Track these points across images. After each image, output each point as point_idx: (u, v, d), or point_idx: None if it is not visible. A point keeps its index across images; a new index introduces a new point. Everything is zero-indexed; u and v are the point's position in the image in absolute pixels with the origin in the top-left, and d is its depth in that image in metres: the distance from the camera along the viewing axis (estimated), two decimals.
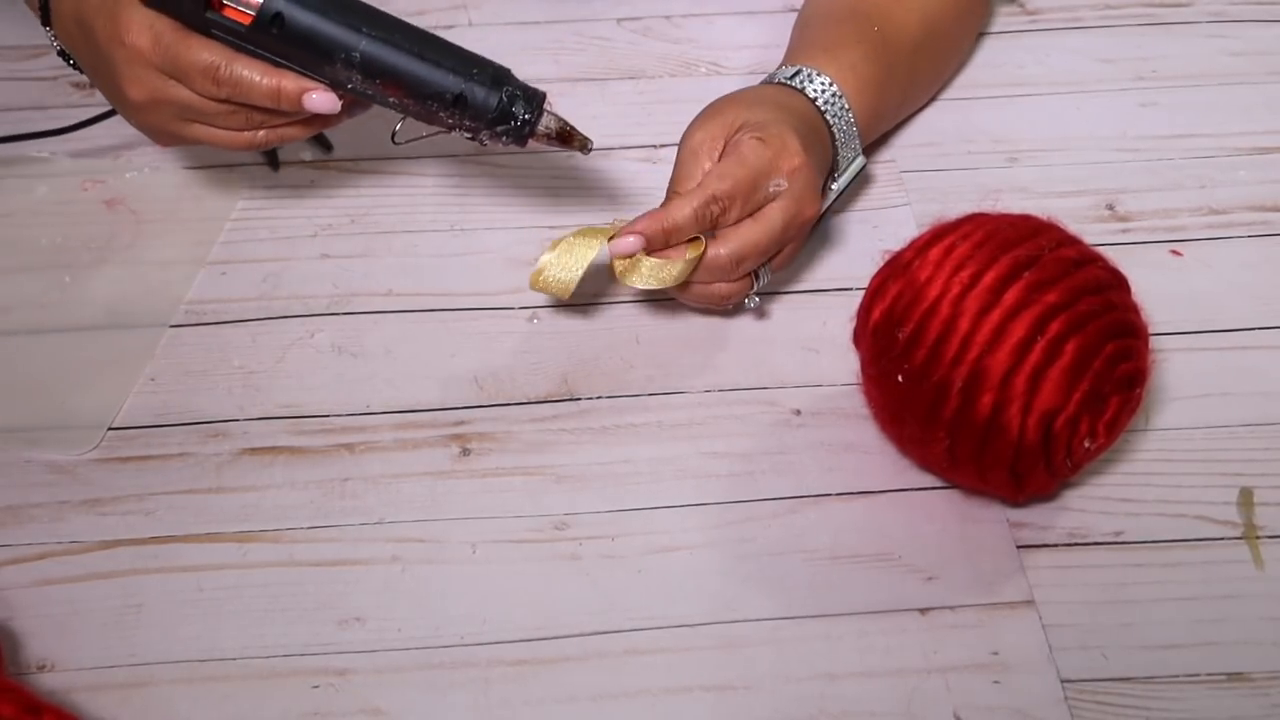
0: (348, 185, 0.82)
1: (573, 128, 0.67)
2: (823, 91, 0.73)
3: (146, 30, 0.64)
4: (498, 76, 0.65)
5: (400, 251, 0.78)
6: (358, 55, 0.63)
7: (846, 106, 0.73)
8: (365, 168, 0.83)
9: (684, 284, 0.68)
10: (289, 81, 0.64)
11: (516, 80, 0.65)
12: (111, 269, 0.77)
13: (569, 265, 0.68)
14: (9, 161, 0.83)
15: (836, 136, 0.73)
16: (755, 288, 0.71)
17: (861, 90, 0.75)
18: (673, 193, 0.69)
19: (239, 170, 0.83)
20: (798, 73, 0.74)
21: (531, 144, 0.67)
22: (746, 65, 0.89)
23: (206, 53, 0.63)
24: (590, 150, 0.68)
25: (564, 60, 0.90)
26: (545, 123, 0.66)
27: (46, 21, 0.69)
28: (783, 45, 0.84)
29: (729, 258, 0.67)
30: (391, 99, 0.65)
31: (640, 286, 0.67)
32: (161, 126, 0.68)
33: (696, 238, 0.67)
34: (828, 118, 0.73)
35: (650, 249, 0.67)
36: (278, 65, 0.64)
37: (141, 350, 0.73)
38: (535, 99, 0.65)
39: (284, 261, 0.78)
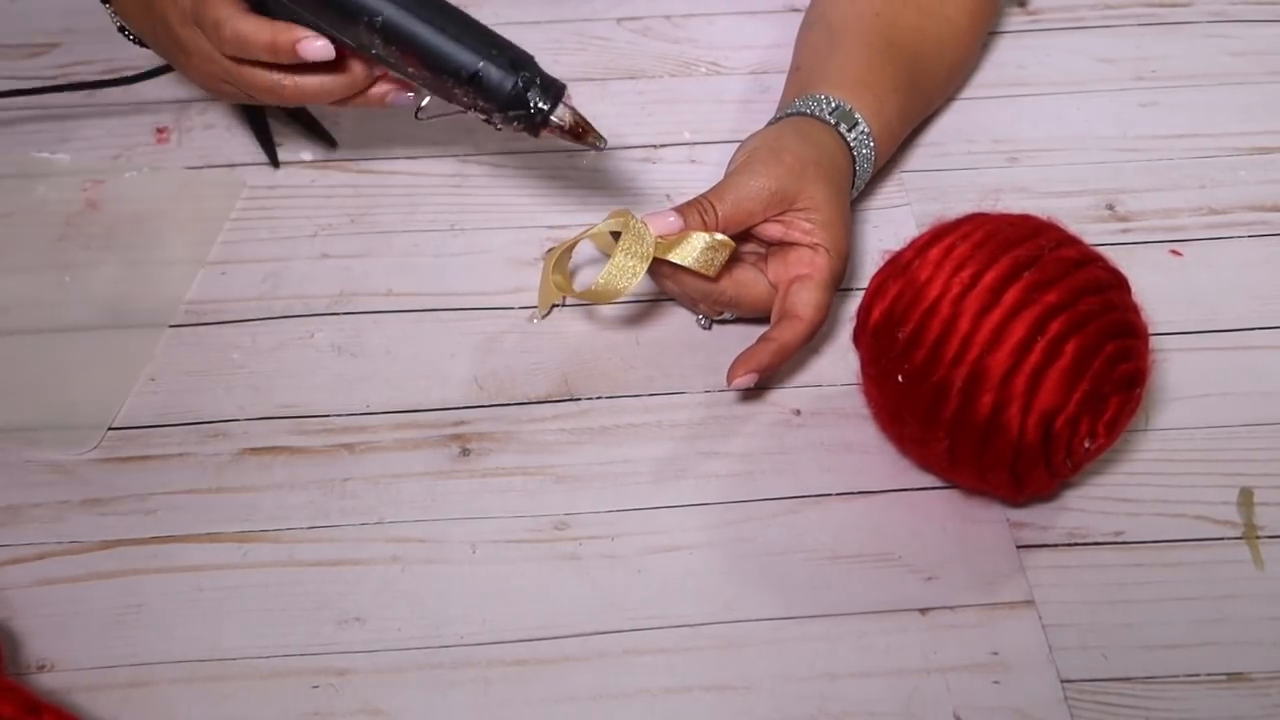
0: (348, 185, 0.82)
1: (588, 123, 0.66)
2: (859, 142, 0.72)
3: None
4: (517, 61, 0.64)
5: (400, 251, 0.78)
6: (380, 20, 0.63)
7: (871, 159, 0.73)
8: (365, 168, 0.83)
9: (670, 285, 0.69)
10: (283, 34, 0.65)
11: (537, 67, 0.65)
12: (111, 269, 0.77)
13: (621, 277, 0.66)
14: (9, 154, 0.83)
15: (854, 181, 0.73)
16: (717, 316, 0.72)
17: (889, 143, 0.76)
18: (711, 203, 0.67)
19: (239, 170, 0.83)
20: (849, 115, 0.72)
21: (545, 135, 0.66)
22: (747, 65, 0.89)
23: (216, 10, 0.65)
24: (604, 148, 0.67)
25: (564, 60, 0.90)
26: (559, 114, 0.65)
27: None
28: (783, 45, 0.84)
29: (729, 300, 0.69)
30: (410, 69, 0.65)
31: (681, 262, 0.66)
32: (215, 87, 0.71)
33: (729, 241, 0.67)
34: (854, 164, 0.73)
35: (659, 268, 0.67)
36: (285, 20, 0.65)
37: (141, 350, 0.73)
38: (553, 89, 0.65)
39: (284, 261, 0.78)
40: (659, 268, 0.68)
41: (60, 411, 0.70)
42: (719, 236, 0.66)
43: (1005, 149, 0.84)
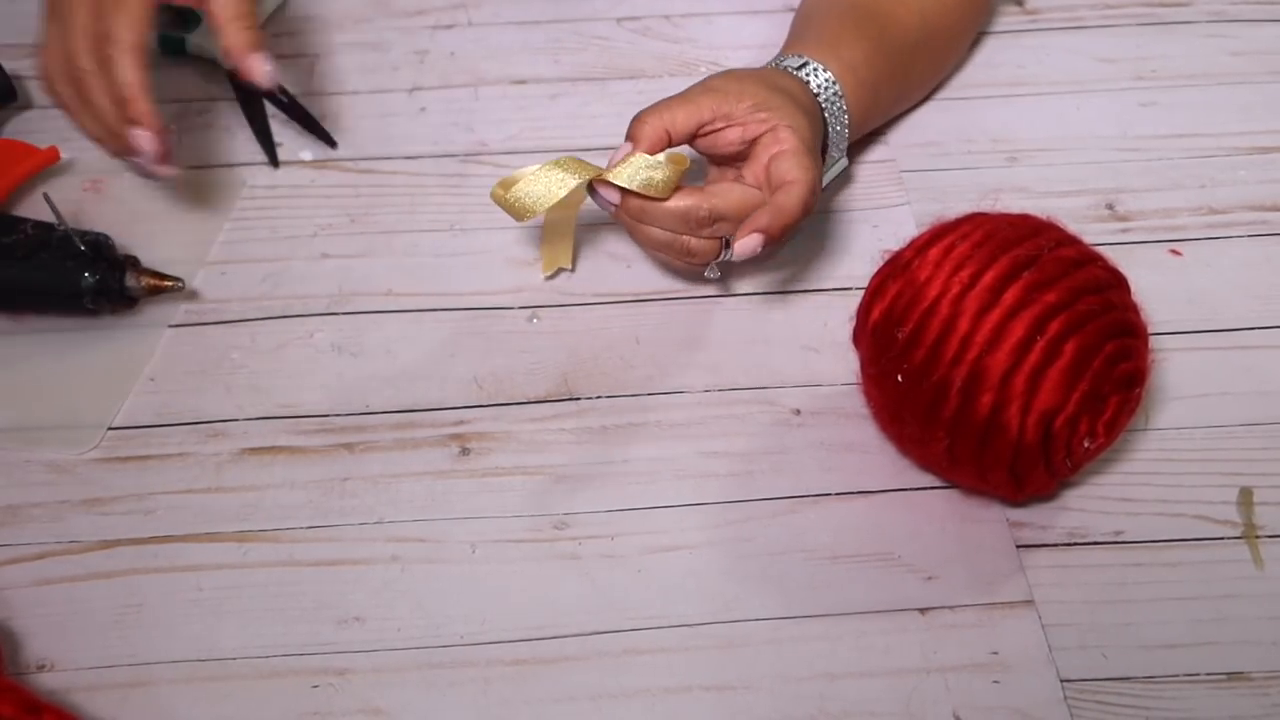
0: (348, 185, 0.82)
1: (159, 276, 0.72)
2: (824, 89, 0.73)
3: None
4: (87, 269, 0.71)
5: (400, 251, 0.78)
6: None
7: (843, 107, 0.73)
8: (365, 167, 0.83)
9: (654, 231, 0.68)
10: (140, 103, 0.66)
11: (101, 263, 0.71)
12: None
13: (541, 191, 0.66)
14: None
15: (829, 135, 0.73)
16: (722, 256, 0.70)
17: (859, 92, 0.75)
18: (653, 108, 0.68)
19: (239, 170, 0.83)
20: (805, 64, 0.73)
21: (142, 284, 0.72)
22: (746, 64, 0.89)
23: (120, 21, 0.65)
24: (183, 287, 0.72)
25: (564, 60, 0.90)
26: (130, 284, 0.72)
27: None
28: (782, 44, 0.84)
29: (708, 213, 0.67)
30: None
31: (622, 184, 0.66)
32: (53, 67, 0.69)
33: (680, 155, 0.67)
34: (825, 115, 0.73)
35: (625, 209, 0.67)
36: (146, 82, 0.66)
37: (141, 350, 0.73)
38: (118, 265, 0.72)
39: (284, 261, 0.78)
40: (628, 214, 0.67)
41: (60, 411, 0.70)
42: (658, 157, 0.66)
43: (1005, 149, 0.84)
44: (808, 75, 0.73)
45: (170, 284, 0.72)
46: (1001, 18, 0.93)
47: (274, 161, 0.83)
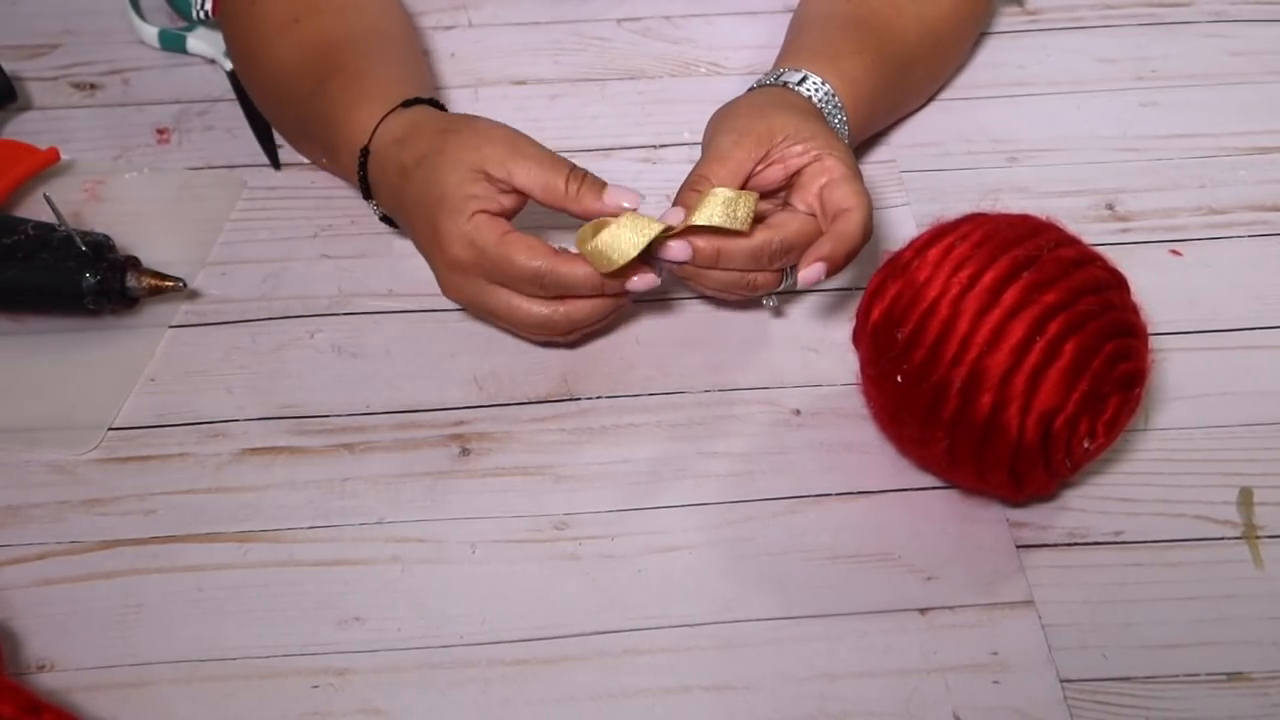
0: (348, 185, 0.82)
1: (160, 276, 0.72)
2: (824, 102, 0.73)
3: (468, 246, 0.66)
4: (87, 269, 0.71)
5: (400, 252, 0.78)
6: None
7: (843, 119, 0.73)
8: None
9: (720, 274, 0.67)
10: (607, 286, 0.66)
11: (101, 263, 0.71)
12: None
13: (624, 246, 0.65)
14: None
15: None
16: (783, 285, 0.70)
17: (858, 102, 0.75)
18: (700, 175, 0.67)
19: (239, 171, 0.83)
20: (805, 79, 0.73)
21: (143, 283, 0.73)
22: (746, 65, 0.89)
23: (529, 259, 0.65)
24: (184, 286, 0.73)
25: (564, 60, 0.90)
26: (131, 285, 0.72)
27: (368, 194, 0.73)
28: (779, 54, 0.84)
29: (780, 246, 0.67)
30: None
31: (704, 223, 0.65)
32: (471, 301, 0.70)
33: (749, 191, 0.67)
34: (818, 109, 0.73)
35: (697, 260, 0.66)
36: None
37: (141, 350, 0.73)
38: (119, 265, 0.72)
39: (284, 261, 0.78)
40: (702, 262, 0.66)
41: (60, 411, 0.70)
42: (738, 192, 0.65)
43: (1005, 149, 0.84)
44: (808, 90, 0.73)
45: (171, 284, 0.72)
46: (1001, 18, 0.93)
47: (275, 163, 0.83)
